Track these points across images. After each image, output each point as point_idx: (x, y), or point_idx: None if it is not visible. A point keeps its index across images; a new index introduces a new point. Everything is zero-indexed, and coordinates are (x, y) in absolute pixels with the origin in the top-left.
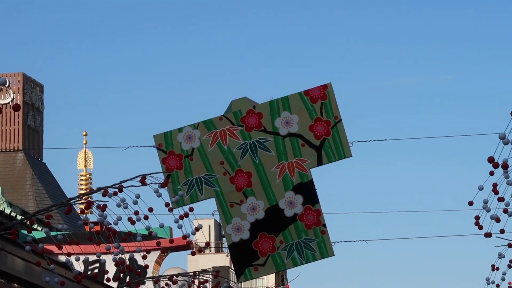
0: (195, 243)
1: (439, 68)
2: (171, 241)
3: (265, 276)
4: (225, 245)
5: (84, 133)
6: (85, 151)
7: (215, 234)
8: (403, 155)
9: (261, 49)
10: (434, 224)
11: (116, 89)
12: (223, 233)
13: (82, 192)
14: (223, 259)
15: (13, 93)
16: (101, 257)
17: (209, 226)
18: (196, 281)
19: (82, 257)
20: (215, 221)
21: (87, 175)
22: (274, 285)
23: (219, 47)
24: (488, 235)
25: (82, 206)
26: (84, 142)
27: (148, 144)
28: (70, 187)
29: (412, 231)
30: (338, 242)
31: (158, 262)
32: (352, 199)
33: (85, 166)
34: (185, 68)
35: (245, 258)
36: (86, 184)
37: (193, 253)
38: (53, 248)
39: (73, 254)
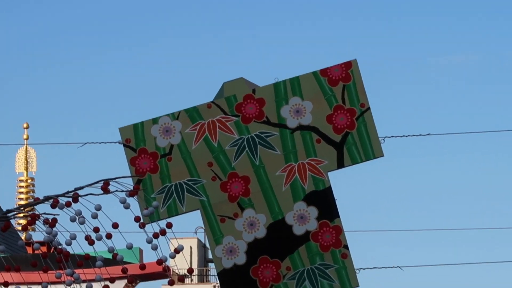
0: (173, 269)
1: (500, 42)
2: (142, 266)
3: None
4: (213, 272)
5: (24, 125)
6: (26, 148)
7: (199, 258)
8: (449, 154)
9: (263, 14)
10: (495, 244)
11: (68, 67)
12: (211, 257)
13: (23, 202)
14: None
15: None
16: None
17: (190, 247)
18: None
19: None
20: (199, 241)
21: (29, 180)
22: None
23: (206, 7)
24: None
25: (24, 221)
26: (25, 137)
27: (112, 140)
28: (6, 196)
29: (464, 254)
30: (364, 269)
31: None
32: (383, 212)
33: (26, 168)
34: (162, 42)
35: None
36: (27, 192)
37: (171, 283)
38: None
39: (11, 284)
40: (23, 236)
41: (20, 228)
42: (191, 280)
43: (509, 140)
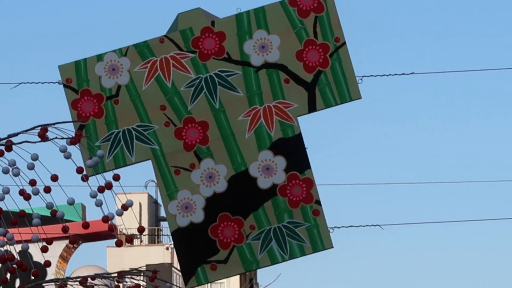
0: (120, 228)
1: None
2: (85, 225)
3: (225, 280)
4: (166, 232)
5: None
6: None
7: (149, 216)
8: (435, 96)
9: None
10: (479, 201)
11: None
12: (163, 215)
13: None
14: (161, 253)
15: None
16: None
17: (140, 204)
18: (122, 286)
19: None
20: (149, 196)
21: None
22: None
23: None
24: None
25: None
26: None
27: (51, 80)
28: None
29: (451, 209)
30: (338, 227)
31: (65, 257)
32: (359, 162)
33: None
34: None
35: (197, 251)
36: None
37: (118, 243)
38: None
39: None
40: None
41: None
42: (141, 241)
43: (500, 80)
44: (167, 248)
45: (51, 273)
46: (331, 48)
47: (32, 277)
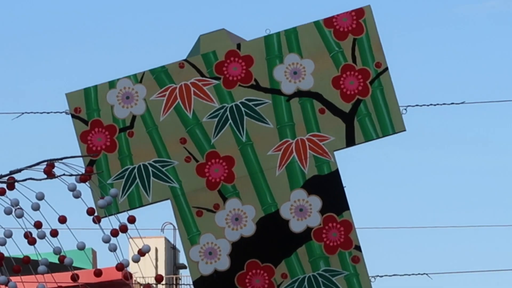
0: (135, 277)
1: None
2: (98, 272)
3: None
4: (184, 281)
5: None
6: None
7: (166, 262)
8: (489, 127)
9: None
10: None
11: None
12: (182, 261)
13: None
14: None
15: None
16: None
17: (156, 249)
18: None
19: None
20: (166, 240)
21: None
22: None
23: None
24: None
25: None
26: None
27: (58, 109)
28: None
29: (507, 257)
30: (381, 276)
31: None
32: (405, 204)
33: None
34: None
35: None
36: None
37: None
38: None
39: None
40: None
41: None
42: None
43: None
44: None
45: None
46: (372, 74)
47: None
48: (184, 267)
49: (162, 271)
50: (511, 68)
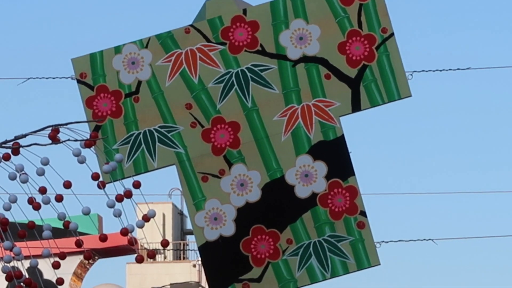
0: (141, 242)
1: None
2: (103, 238)
3: None
4: (192, 246)
5: None
6: None
7: (174, 228)
8: (496, 93)
9: None
10: None
11: None
12: (189, 227)
13: None
14: (187, 271)
15: None
16: None
17: (163, 215)
18: None
19: None
20: (174, 206)
21: None
22: None
23: None
24: None
25: None
26: None
27: (63, 75)
28: None
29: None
30: (386, 242)
31: (79, 275)
32: (410, 169)
33: None
34: None
35: (228, 268)
36: None
37: (139, 259)
38: None
39: None
40: None
41: None
42: (165, 258)
43: None
44: (194, 265)
45: None
46: (378, 40)
47: None
48: (191, 232)
49: (169, 236)
50: None
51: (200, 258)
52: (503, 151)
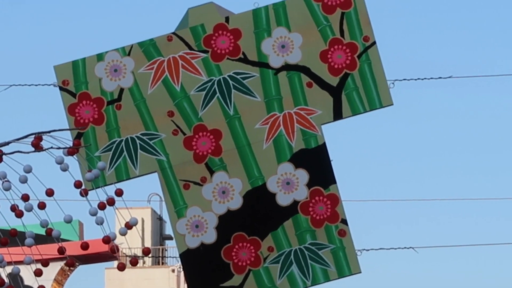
0: (122, 249)
1: None
2: (85, 245)
3: None
4: (171, 252)
5: None
6: None
7: (153, 233)
8: (476, 101)
9: None
10: None
11: None
12: (168, 233)
13: None
14: (165, 276)
15: None
16: None
17: (142, 219)
18: None
19: None
20: (153, 211)
21: None
22: None
23: None
24: None
25: None
26: None
27: (46, 82)
28: None
29: (495, 231)
30: (367, 250)
31: (60, 281)
32: (391, 177)
33: None
34: None
35: (209, 275)
36: None
37: (120, 267)
38: None
39: None
40: None
41: None
42: (143, 263)
43: None
44: (173, 271)
45: None
46: (360, 48)
47: None
48: (170, 238)
49: (148, 242)
50: (498, 43)
51: (179, 264)
52: (484, 157)
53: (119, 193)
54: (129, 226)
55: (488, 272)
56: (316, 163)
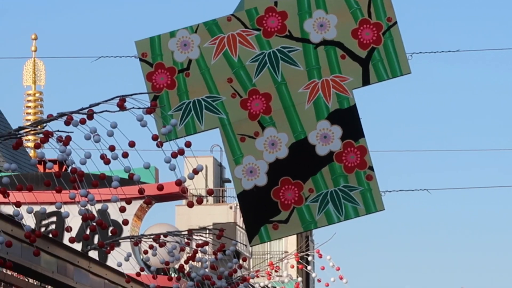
0: (190, 190)
1: None
2: (160, 187)
3: (283, 238)
4: (229, 193)
5: (33, 36)
6: (34, 61)
7: (215, 177)
8: (482, 71)
9: None
10: None
11: None
12: (227, 176)
13: (30, 117)
14: (225, 212)
15: None
16: (62, 209)
17: (206, 166)
18: (192, 243)
19: (36, 208)
20: (214, 159)
21: (37, 94)
22: (296, 250)
23: None
24: None
25: (33, 138)
26: (33, 48)
27: (128, 54)
28: (13, 111)
29: (497, 176)
30: (389, 191)
31: (139, 216)
32: (410, 132)
33: (34, 82)
34: None
35: (261, 212)
36: (35, 107)
37: (189, 205)
38: None
39: (23, 203)
40: (31, 153)
41: (30, 145)
42: (207, 201)
43: None
44: (231, 207)
45: (126, 231)
46: (384, 27)
47: (110, 234)
48: (228, 181)
49: (211, 184)
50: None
51: (236, 202)
52: (491, 115)
53: (188, 145)
54: (195, 171)
55: (490, 212)
56: (348, 120)
